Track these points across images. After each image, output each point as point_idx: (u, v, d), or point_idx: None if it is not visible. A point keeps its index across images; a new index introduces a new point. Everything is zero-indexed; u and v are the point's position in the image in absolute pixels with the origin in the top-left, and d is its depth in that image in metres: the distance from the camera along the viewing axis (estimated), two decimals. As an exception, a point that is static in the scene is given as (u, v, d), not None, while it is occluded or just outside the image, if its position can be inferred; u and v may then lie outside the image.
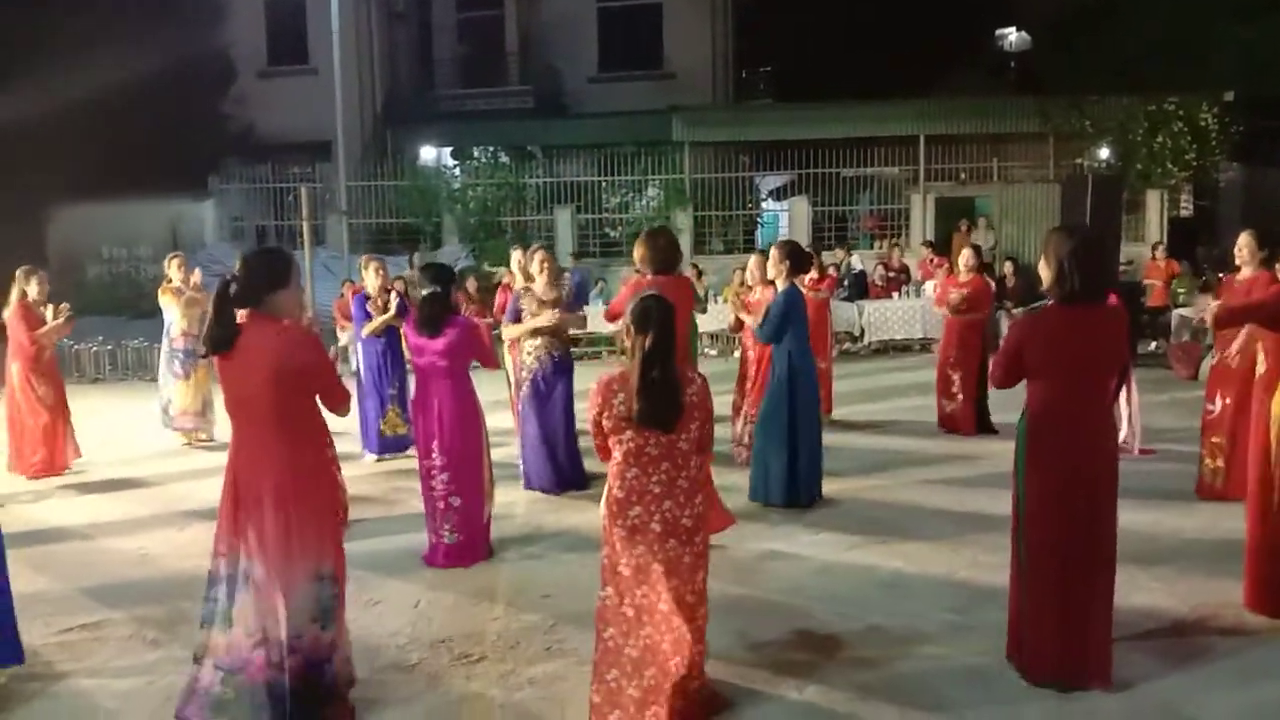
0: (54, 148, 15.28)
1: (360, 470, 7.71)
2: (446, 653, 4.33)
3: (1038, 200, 17.37)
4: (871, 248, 17.96)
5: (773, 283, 6.69)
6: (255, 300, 3.52)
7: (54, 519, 6.66)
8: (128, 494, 7.39)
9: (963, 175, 18.96)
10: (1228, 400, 6.21)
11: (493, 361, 5.84)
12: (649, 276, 5.72)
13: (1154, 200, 17.42)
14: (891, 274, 15.71)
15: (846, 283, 15.13)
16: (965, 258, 9.03)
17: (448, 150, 21.62)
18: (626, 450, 3.52)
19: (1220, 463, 6.28)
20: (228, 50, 20.79)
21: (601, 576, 3.61)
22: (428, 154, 21.54)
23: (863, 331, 14.44)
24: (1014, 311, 14.31)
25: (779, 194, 21.31)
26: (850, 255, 16.23)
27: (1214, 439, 6.32)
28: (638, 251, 5.81)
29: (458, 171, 20.67)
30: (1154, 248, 15.34)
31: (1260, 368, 5.15)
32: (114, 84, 15.39)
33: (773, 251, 6.69)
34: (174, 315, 8.82)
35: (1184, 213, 18.99)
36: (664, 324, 3.47)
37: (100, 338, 13.74)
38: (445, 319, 5.36)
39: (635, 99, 20.79)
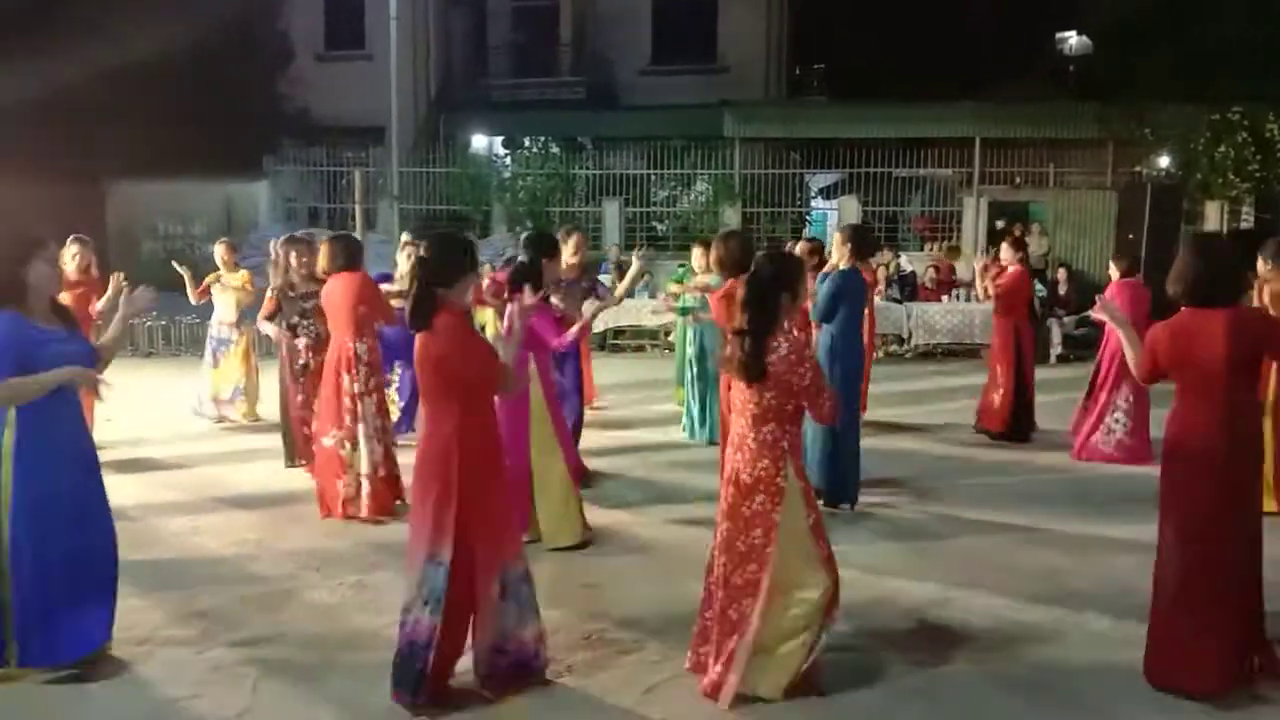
0: (115, 122, 15.57)
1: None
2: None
3: (1094, 207, 17.07)
4: (921, 249, 17.76)
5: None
6: (449, 283, 3.70)
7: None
8: (165, 474, 7.48)
9: (1018, 179, 18.68)
10: None
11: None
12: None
13: (1214, 211, 17.03)
14: (941, 278, 15.52)
15: (894, 284, 14.99)
16: (1005, 247, 8.97)
17: (499, 139, 21.73)
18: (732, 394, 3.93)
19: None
20: (286, 32, 21.09)
21: None
22: (479, 142, 21.66)
23: (910, 334, 14.29)
24: (1064, 320, 14.12)
25: (828, 192, 21.14)
26: (898, 257, 16.05)
27: None
28: (713, 254, 6.08)
29: (508, 160, 20.77)
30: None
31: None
32: (175, 61, 15.65)
33: (836, 234, 6.89)
34: (221, 302, 8.98)
35: (1245, 225, 18.57)
36: (755, 286, 3.81)
37: (154, 313, 13.97)
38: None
39: (687, 92, 20.73)
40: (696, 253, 8.39)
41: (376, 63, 19.93)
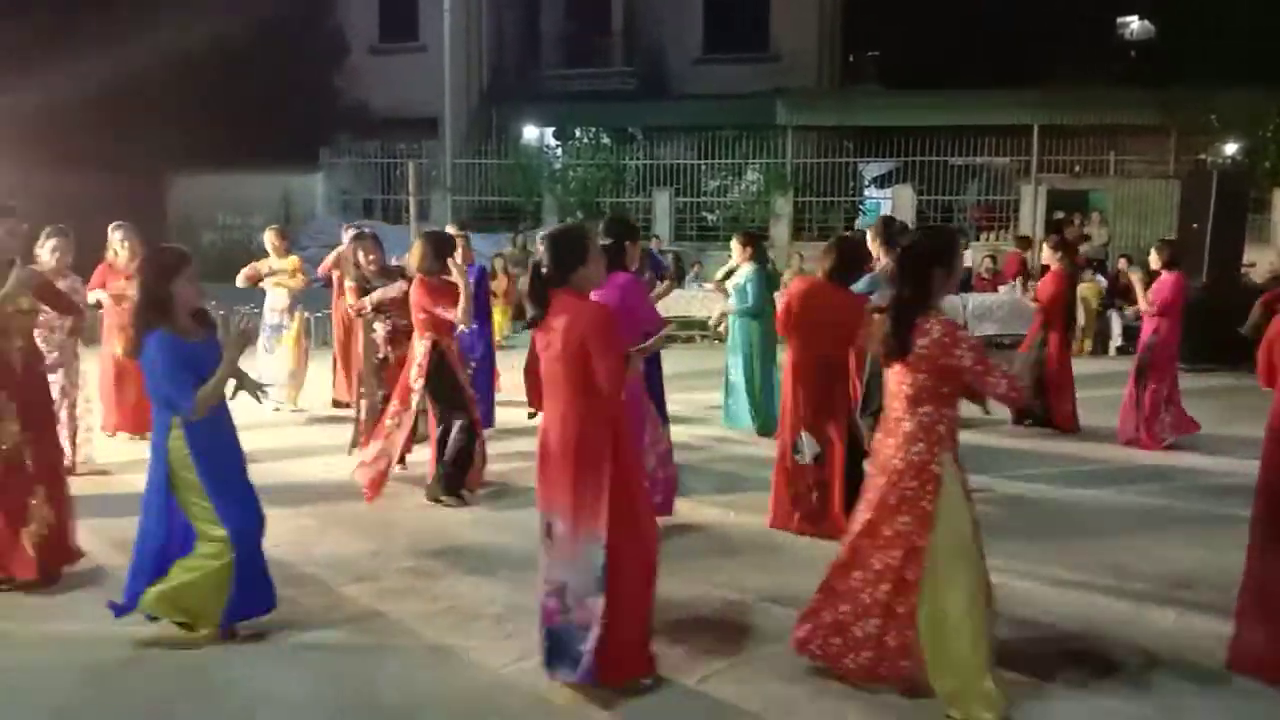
0: (175, 116, 15.88)
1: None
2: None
3: (1156, 196, 16.69)
4: (978, 239, 17.50)
5: None
6: (563, 279, 3.75)
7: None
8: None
9: (1077, 168, 18.30)
10: None
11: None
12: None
13: (1282, 200, 16.58)
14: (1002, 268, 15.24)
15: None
16: (1046, 249, 8.93)
17: (550, 130, 21.80)
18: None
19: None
20: (341, 25, 21.34)
21: None
22: (530, 133, 21.75)
23: (965, 324, 14.09)
24: (1126, 312, 13.81)
25: (882, 181, 20.90)
26: (966, 248, 15.80)
27: None
28: (828, 262, 5.77)
29: (559, 151, 20.84)
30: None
31: None
32: (233, 54, 15.90)
33: (869, 230, 6.88)
34: (273, 289, 9.02)
35: (1314, 214, 18.03)
36: (910, 260, 3.73)
37: (214, 303, 14.22)
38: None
39: (739, 81, 20.62)
40: (735, 245, 8.20)
41: (430, 55, 20.16)
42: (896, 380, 3.68)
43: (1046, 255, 8.89)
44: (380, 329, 6.81)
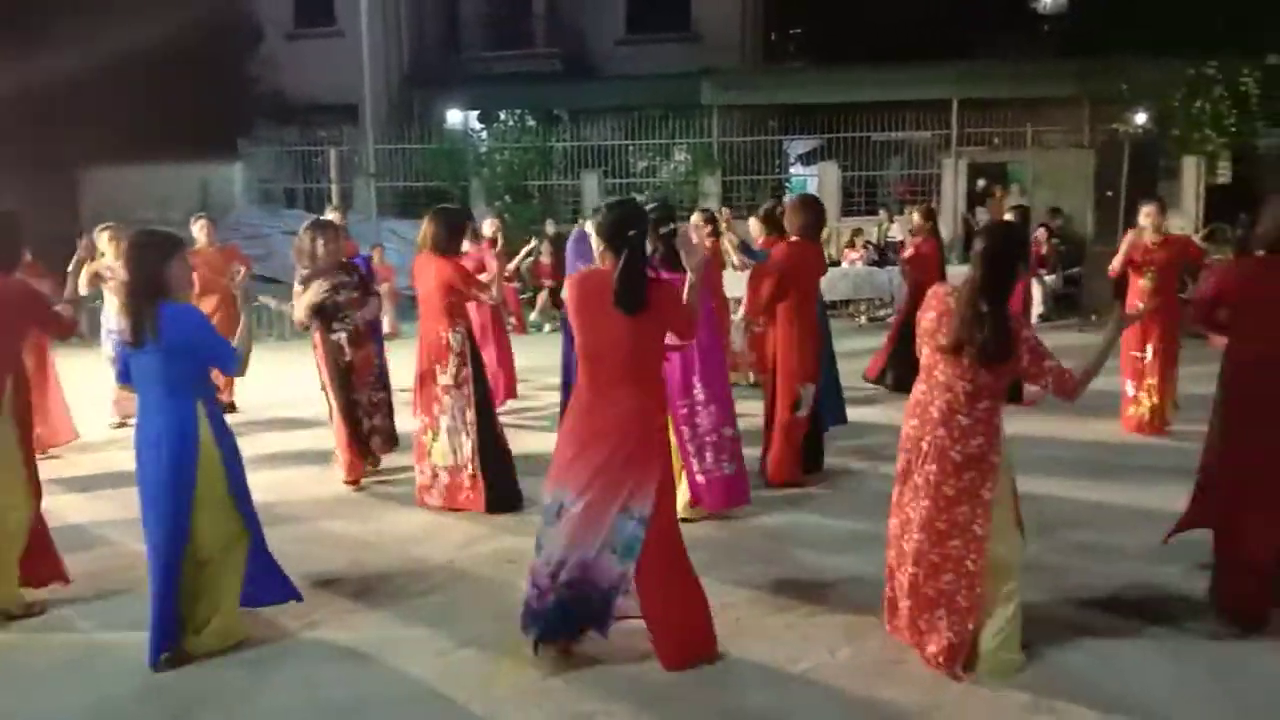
0: (85, 109, 15.35)
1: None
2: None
3: (1073, 165, 17.10)
4: (902, 214, 17.77)
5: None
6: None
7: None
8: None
9: (996, 140, 18.67)
10: None
11: None
12: (794, 239, 6.13)
13: (1191, 167, 17.10)
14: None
15: (876, 248, 15.02)
16: (915, 216, 9.20)
17: (474, 113, 21.53)
18: (924, 364, 3.79)
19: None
20: (255, 12, 20.78)
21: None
22: (454, 117, 21.45)
23: (892, 298, 14.33)
24: (1046, 279, 14.18)
25: (808, 159, 21.10)
26: (893, 222, 16.03)
27: None
28: (798, 219, 6.07)
29: (484, 135, 20.60)
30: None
31: None
32: (143, 45, 15.39)
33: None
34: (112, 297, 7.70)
35: (1221, 180, 18.64)
36: (995, 256, 3.62)
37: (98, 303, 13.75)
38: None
39: (663, 61, 20.57)
40: (753, 223, 8.18)
41: (348, 39, 19.74)
42: (954, 374, 3.63)
43: (916, 223, 9.12)
44: (342, 332, 6.19)
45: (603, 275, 3.70)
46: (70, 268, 5.16)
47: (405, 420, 6.67)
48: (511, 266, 10.01)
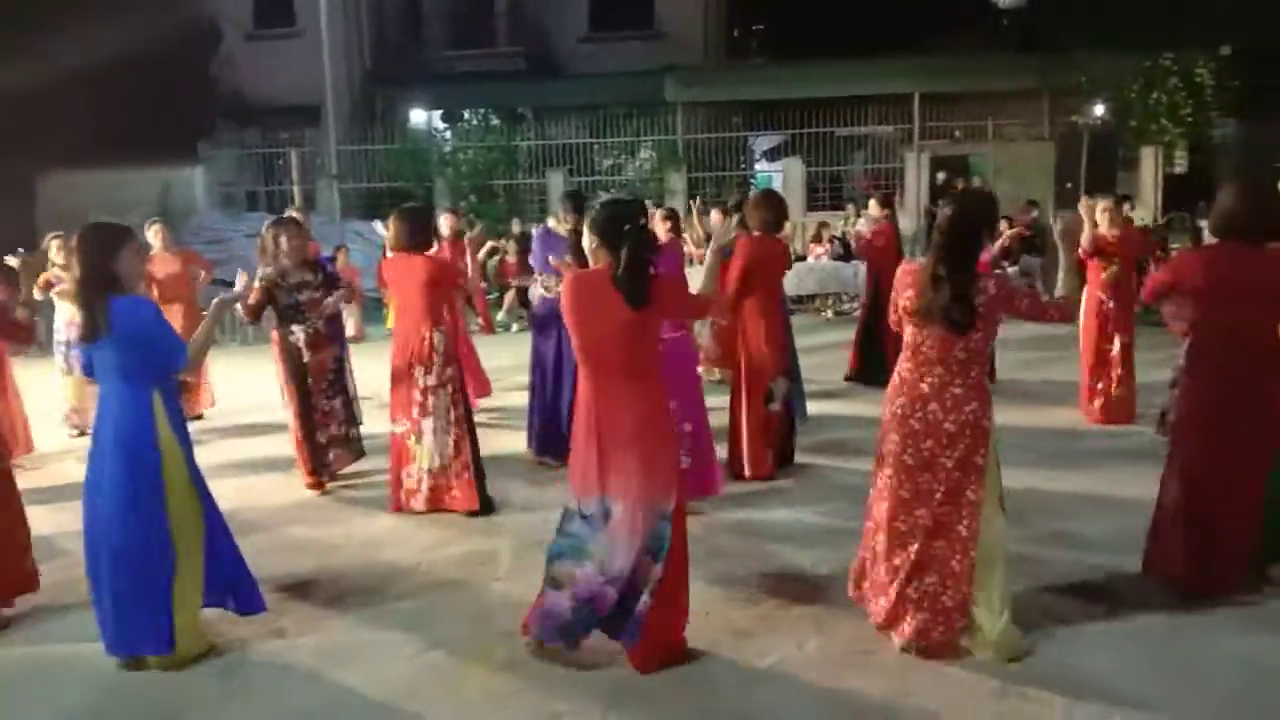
0: (42, 114, 15.10)
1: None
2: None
3: (1033, 158, 17.30)
4: (866, 207, 17.87)
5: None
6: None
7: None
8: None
9: (957, 133, 18.86)
10: None
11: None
12: (756, 234, 6.15)
13: (1148, 157, 17.35)
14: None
15: (840, 243, 15.07)
16: (872, 204, 9.38)
17: (438, 113, 21.40)
18: (907, 342, 3.74)
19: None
20: (214, 13, 20.52)
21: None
22: (418, 117, 21.32)
23: (859, 292, 14.39)
24: (1008, 271, 14.29)
25: (772, 154, 21.18)
26: (860, 216, 16.10)
27: None
28: (759, 215, 6.13)
29: (448, 134, 20.49)
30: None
31: None
32: (102, 48, 15.18)
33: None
34: (63, 304, 7.68)
35: (1179, 169, 18.93)
36: (959, 225, 3.62)
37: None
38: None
39: (627, 59, 20.57)
40: (715, 215, 8.39)
41: (308, 39, 19.53)
42: (944, 347, 3.61)
43: (874, 210, 9.19)
44: (300, 333, 6.06)
45: (598, 274, 3.69)
46: (18, 269, 5.12)
47: (375, 424, 6.59)
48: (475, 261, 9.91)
